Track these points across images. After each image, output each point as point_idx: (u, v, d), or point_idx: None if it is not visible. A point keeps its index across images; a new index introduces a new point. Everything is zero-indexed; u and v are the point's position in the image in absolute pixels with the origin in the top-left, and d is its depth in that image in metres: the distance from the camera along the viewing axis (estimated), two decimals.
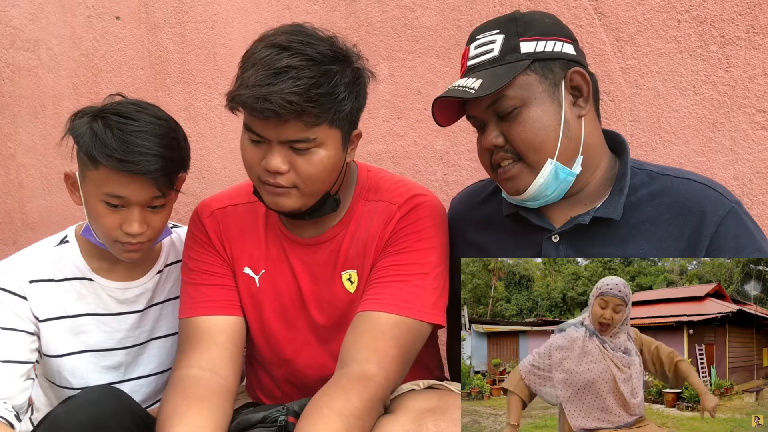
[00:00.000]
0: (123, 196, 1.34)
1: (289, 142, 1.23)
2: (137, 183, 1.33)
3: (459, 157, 1.99)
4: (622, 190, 1.23)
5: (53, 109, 2.52)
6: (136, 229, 1.35)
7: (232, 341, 1.37)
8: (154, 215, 1.39)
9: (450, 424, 1.12)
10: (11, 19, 2.54)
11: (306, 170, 1.25)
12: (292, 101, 1.17)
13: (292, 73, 1.18)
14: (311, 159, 1.25)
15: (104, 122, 1.33)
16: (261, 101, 1.17)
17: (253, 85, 1.18)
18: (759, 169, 1.68)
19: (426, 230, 1.34)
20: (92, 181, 1.35)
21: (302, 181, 1.26)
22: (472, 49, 1.26)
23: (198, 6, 2.27)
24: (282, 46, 1.21)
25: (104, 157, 1.30)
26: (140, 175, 1.31)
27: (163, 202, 1.40)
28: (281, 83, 1.17)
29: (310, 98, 1.18)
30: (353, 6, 2.06)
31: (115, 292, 1.50)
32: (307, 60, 1.20)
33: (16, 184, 2.63)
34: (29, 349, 1.43)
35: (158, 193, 1.36)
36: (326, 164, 1.26)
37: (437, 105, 1.24)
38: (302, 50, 1.21)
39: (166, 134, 1.36)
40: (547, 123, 1.20)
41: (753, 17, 1.65)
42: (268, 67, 1.19)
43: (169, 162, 1.35)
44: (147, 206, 1.37)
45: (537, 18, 1.25)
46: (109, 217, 1.36)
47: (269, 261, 1.41)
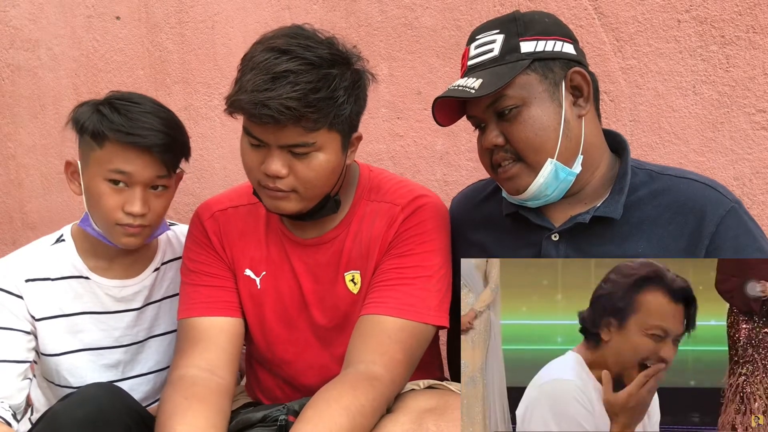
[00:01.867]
0: (128, 171, 1.35)
1: (288, 146, 1.23)
2: (142, 159, 1.35)
3: (459, 157, 1.99)
4: (622, 190, 1.23)
5: (53, 109, 2.52)
6: (138, 208, 1.36)
7: (231, 342, 1.37)
8: (155, 198, 1.40)
9: (450, 423, 1.12)
10: (11, 19, 2.54)
11: (305, 174, 1.25)
12: (291, 107, 1.16)
13: (291, 77, 1.17)
14: (310, 163, 1.24)
15: (110, 106, 1.37)
16: (259, 107, 1.16)
17: (252, 90, 1.17)
18: (759, 169, 1.68)
19: (429, 232, 1.34)
20: (96, 161, 1.37)
21: (302, 185, 1.26)
22: (472, 49, 1.26)
23: (198, 6, 2.27)
24: (281, 50, 1.20)
25: (111, 131, 1.33)
26: (146, 149, 1.34)
27: (166, 183, 1.41)
28: (280, 88, 1.16)
29: (309, 103, 1.17)
30: (353, 6, 2.06)
31: (112, 290, 1.50)
32: (306, 64, 1.19)
33: (16, 184, 2.63)
34: (26, 348, 1.43)
35: (162, 170, 1.38)
36: (325, 168, 1.26)
37: (437, 105, 1.24)
38: (301, 54, 1.20)
39: (168, 117, 1.41)
40: (547, 123, 1.20)
41: (753, 17, 1.65)
42: (267, 71, 1.18)
43: (173, 140, 1.38)
44: (150, 186, 1.39)
45: (537, 18, 1.25)
46: (111, 197, 1.37)
47: (270, 262, 1.41)
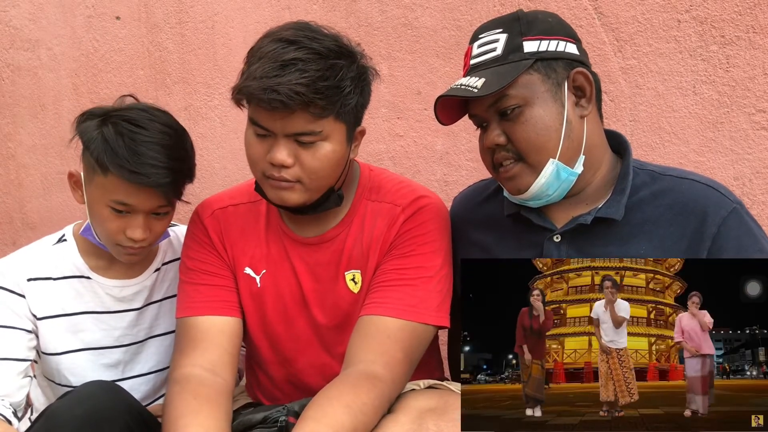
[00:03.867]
0: (130, 204, 1.35)
1: (294, 134, 1.23)
2: (145, 193, 1.34)
3: (459, 157, 1.99)
4: (623, 191, 1.23)
5: (53, 109, 2.52)
6: (140, 235, 1.37)
7: (231, 342, 1.37)
8: (157, 221, 1.41)
9: (450, 423, 1.12)
10: (11, 19, 2.54)
11: (311, 164, 1.25)
12: (300, 92, 1.17)
13: (300, 65, 1.19)
14: (316, 153, 1.25)
15: (115, 129, 1.33)
16: (268, 92, 1.17)
17: (261, 77, 1.19)
18: (759, 169, 1.69)
19: (430, 233, 1.34)
20: (99, 187, 1.36)
21: (307, 176, 1.26)
22: (475, 48, 1.26)
23: (198, 6, 2.27)
24: (288, 41, 1.22)
25: (115, 166, 1.31)
26: (149, 187, 1.33)
27: (168, 210, 1.42)
28: (288, 75, 1.18)
29: (318, 90, 1.19)
30: (353, 6, 2.06)
31: (113, 290, 1.51)
32: (313, 53, 1.21)
33: (16, 184, 2.63)
34: (27, 347, 1.44)
35: (164, 202, 1.38)
36: (331, 158, 1.26)
37: (439, 104, 1.24)
38: (308, 44, 1.21)
39: (175, 145, 1.37)
40: (549, 123, 1.19)
41: (753, 17, 1.65)
42: (275, 59, 1.20)
43: (178, 173, 1.37)
44: (151, 213, 1.39)
45: (540, 17, 1.24)
46: (113, 222, 1.37)
47: (270, 261, 1.41)
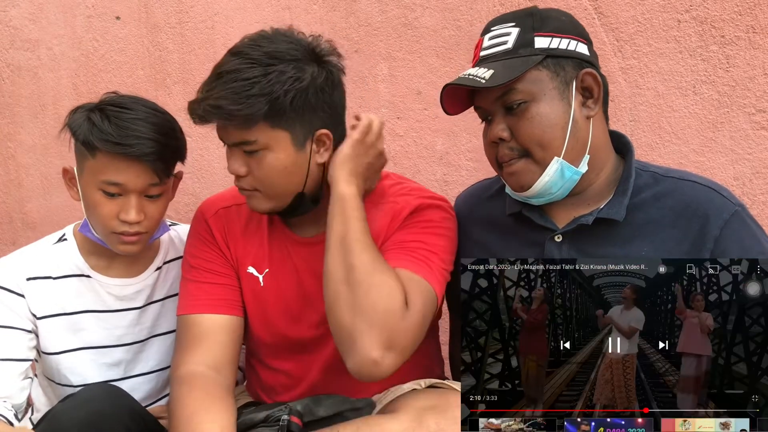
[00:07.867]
0: (120, 182, 1.35)
1: (236, 144, 1.26)
2: (134, 168, 1.34)
3: (459, 157, 1.99)
4: (626, 192, 1.23)
5: (53, 109, 2.52)
6: (134, 216, 1.36)
7: (232, 341, 1.37)
8: (151, 204, 1.40)
9: (451, 422, 1.12)
10: (11, 19, 2.54)
11: (258, 173, 1.27)
12: (218, 105, 1.20)
13: (232, 76, 1.21)
14: (261, 162, 1.26)
15: (101, 113, 1.35)
16: (193, 109, 1.23)
17: (199, 92, 1.24)
18: (759, 169, 1.69)
19: (436, 222, 1.34)
20: (90, 171, 1.36)
21: (259, 184, 1.28)
22: (486, 40, 1.25)
23: (198, 6, 2.27)
24: (234, 53, 1.25)
25: (101, 141, 1.32)
26: (136, 159, 1.33)
27: (160, 191, 1.41)
28: (217, 88, 1.21)
29: (237, 101, 1.19)
30: (353, 6, 2.06)
31: (114, 289, 1.51)
32: (248, 62, 1.22)
33: (16, 184, 2.63)
34: (27, 347, 1.44)
35: (155, 179, 1.37)
36: (276, 167, 1.26)
37: (446, 92, 1.24)
38: (248, 53, 1.23)
39: (161, 123, 1.39)
40: (554, 121, 1.19)
41: (753, 17, 1.65)
42: (214, 73, 1.25)
43: (165, 147, 1.37)
44: (144, 194, 1.38)
45: (554, 15, 1.24)
46: (106, 206, 1.37)
47: (273, 260, 1.41)
